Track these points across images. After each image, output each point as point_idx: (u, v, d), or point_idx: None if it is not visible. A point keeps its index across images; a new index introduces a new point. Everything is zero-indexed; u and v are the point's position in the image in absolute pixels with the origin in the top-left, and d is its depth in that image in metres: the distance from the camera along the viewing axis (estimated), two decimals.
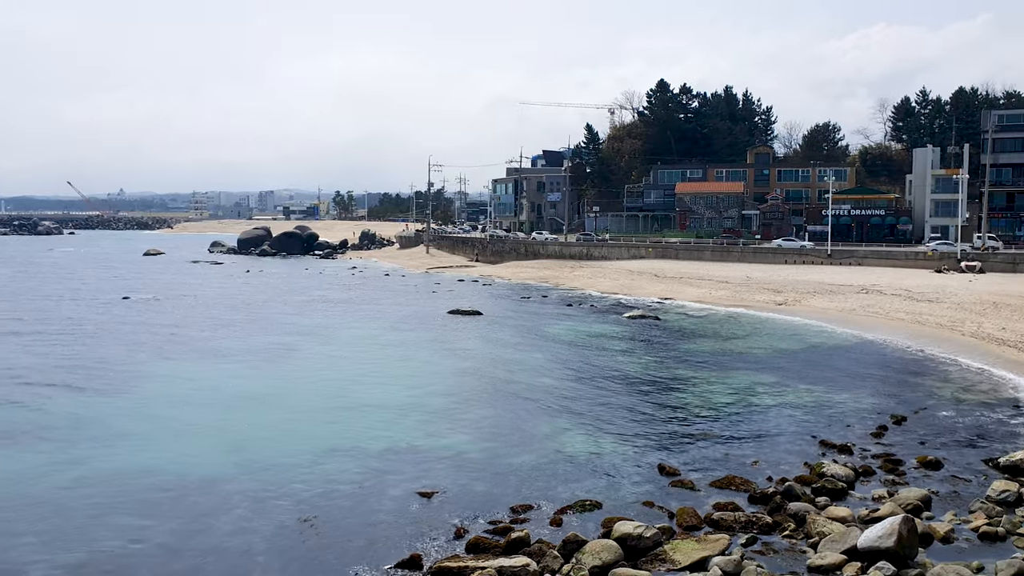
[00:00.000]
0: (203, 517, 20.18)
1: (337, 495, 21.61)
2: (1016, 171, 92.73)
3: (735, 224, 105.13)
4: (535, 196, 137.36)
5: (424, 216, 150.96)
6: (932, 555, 17.55)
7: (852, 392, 33.52)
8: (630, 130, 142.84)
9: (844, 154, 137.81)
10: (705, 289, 69.30)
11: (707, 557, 17.57)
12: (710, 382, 35.82)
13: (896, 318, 50.99)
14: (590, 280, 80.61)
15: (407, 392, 33.86)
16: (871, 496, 21.39)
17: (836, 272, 74.17)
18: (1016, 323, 45.26)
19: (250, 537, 18.95)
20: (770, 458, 24.79)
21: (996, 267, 73.05)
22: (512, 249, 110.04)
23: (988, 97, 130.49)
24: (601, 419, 29.47)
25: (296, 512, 20.36)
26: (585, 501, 21.05)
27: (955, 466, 23.89)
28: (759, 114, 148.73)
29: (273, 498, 21.39)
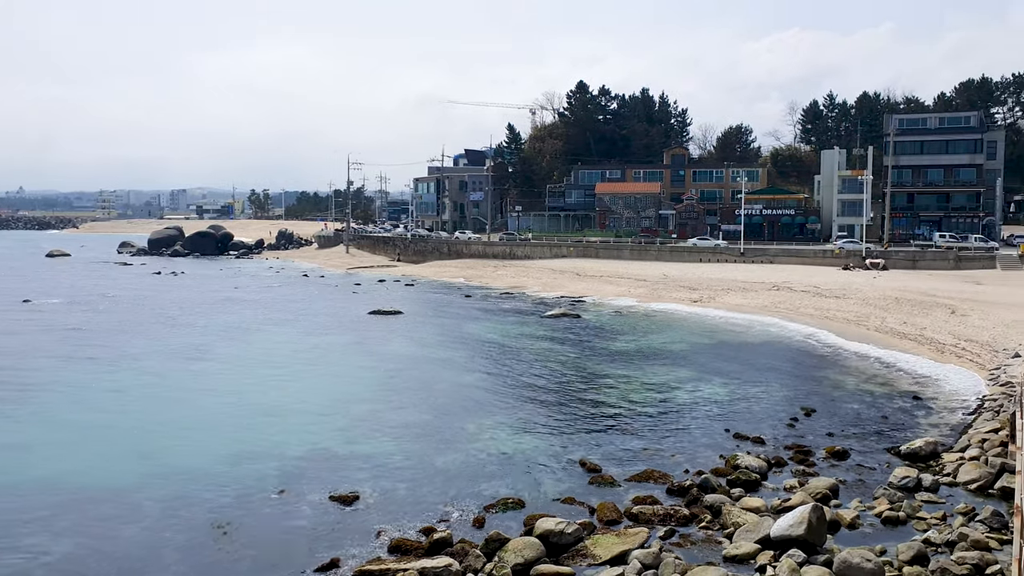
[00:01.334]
0: (110, 528, 19.39)
1: (252, 501, 21.07)
2: (915, 172, 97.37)
3: (652, 224, 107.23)
4: (458, 195, 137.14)
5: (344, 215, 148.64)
6: (840, 541, 18.25)
7: (764, 385, 34.61)
8: (551, 130, 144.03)
9: (756, 155, 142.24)
10: (624, 287, 70.46)
11: (627, 551, 17.85)
12: (629, 378, 36.42)
13: (806, 313, 52.89)
14: (513, 279, 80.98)
15: (325, 395, 33.30)
16: (783, 486, 22.12)
17: (749, 270, 76.46)
18: (916, 317, 47.52)
19: (160, 547, 18.30)
20: (687, 451, 25.36)
21: (898, 264, 76.58)
22: (435, 249, 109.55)
23: (890, 102, 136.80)
24: (524, 417, 29.60)
25: (209, 520, 19.76)
26: (508, 499, 21.12)
27: (860, 455, 24.93)
28: (675, 116, 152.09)
29: (184, 506, 20.71)
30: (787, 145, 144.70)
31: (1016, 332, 40.84)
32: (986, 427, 25.56)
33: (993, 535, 17.78)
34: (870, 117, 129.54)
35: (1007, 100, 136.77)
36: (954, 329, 43.25)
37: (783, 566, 16.56)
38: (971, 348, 39.00)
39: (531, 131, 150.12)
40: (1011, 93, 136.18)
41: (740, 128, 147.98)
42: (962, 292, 55.84)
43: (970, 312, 47.25)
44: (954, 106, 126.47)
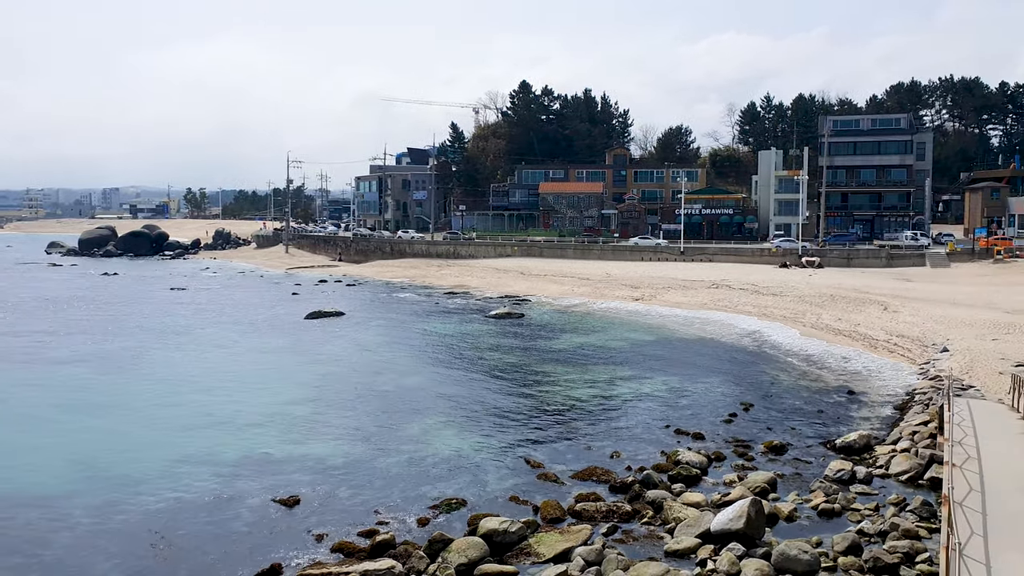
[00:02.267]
0: (40, 536, 18.68)
1: (189, 507, 20.53)
2: (849, 173, 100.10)
3: (595, 223, 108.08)
4: (400, 194, 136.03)
5: (283, 214, 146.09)
6: (778, 533, 18.62)
7: (704, 382, 35.16)
8: (495, 130, 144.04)
9: (696, 156, 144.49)
10: (568, 286, 70.86)
11: (570, 548, 17.93)
12: (573, 376, 36.61)
13: (744, 311, 53.92)
14: (457, 279, 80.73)
15: (265, 398, 32.67)
16: (723, 480, 22.50)
17: (689, 268, 77.65)
18: (850, 314, 48.85)
19: (92, 555, 17.71)
20: (630, 448, 25.59)
21: (833, 262, 78.68)
22: (377, 248, 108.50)
23: (824, 104, 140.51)
24: (468, 417, 29.50)
25: (144, 526, 19.20)
26: (451, 500, 21.02)
27: (797, 449, 25.50)
28: (617, 117, 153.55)
29: (118, 513, 20.07)
30: (725, 146, 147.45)
31: (945, 327, 42.28)
32: (916, 420, 26.38)
33: (923, 524, 18.36)
34: (806, 119, 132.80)
35: (934, 103, 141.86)
36: (886, 325, 44.57)
37: (723, 560, 16.83)
38: (902, 343, 40.24)
39: (475, 130, 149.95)
40: (938, 96, 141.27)
41: (680, 129, 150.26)
42: (894, 289, 57.61)
43: (901, 308, 48.76)
44: (885, 108, 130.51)
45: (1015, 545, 13.28)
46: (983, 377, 31.76)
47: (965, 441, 19.00)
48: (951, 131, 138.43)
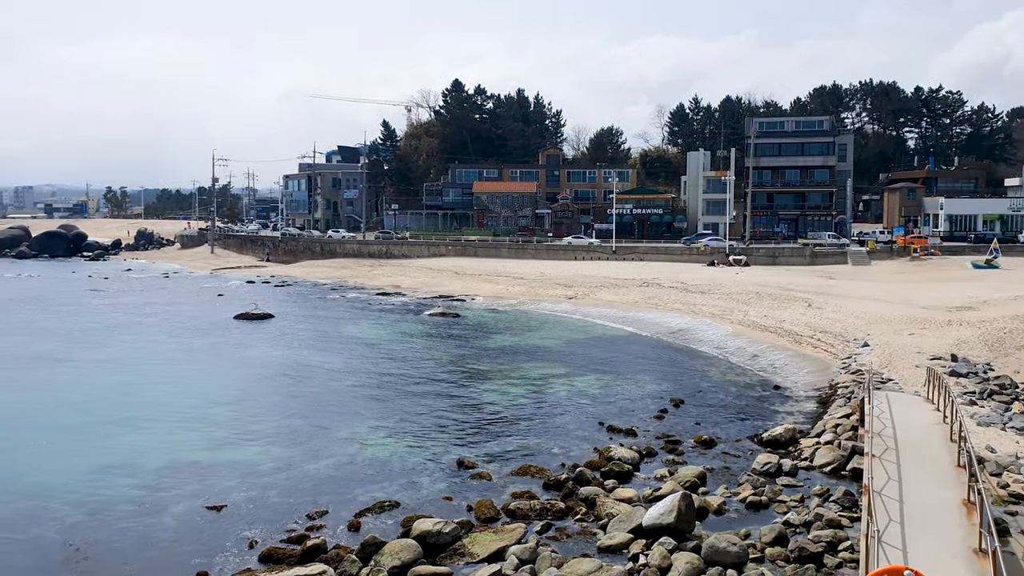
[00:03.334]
0: None
1: (110, 516, 19.79)
2: (774, 173, 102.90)
3: (529, 222, 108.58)
4: (331, 193, 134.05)
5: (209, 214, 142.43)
6: (707, 527, 18.95)
7: (636, 378, 35.61)
8: (427, 128, 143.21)
9: (627, 156, 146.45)
10: (503, 285, 70.96)
11: (504, 547, 17.92)
12: (507, 375, 36.64)
13: (674, 308, 54.84)
14: (390, 279, 80.00)
15: (189, 402, 31.73)
16: (654, 476, 22.80)
17: (621, 267, 78.65)
18: (775, 311, 50.14)
19: (3, 572, 16.87)
20: (563, 445, 25.73)
21: (759, 260, 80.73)
22: (307, 248, 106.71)
23: (751, 106, 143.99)
24: (401, 418, 29.22)
25: (62, 537, 18.41)
26: (384, 502, 20.78)
27: (726, 443, 26.02)
28: (550, 117, 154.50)
29: (33, 524, 19.20)
30: (656, 147, 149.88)
31: (865, 323, 43.77)
32: (839, 413, 27.21)
33: (845, 514, 18.93)
34: (733, 120, 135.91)
35: (855, 106, 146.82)
36: (810, 321, 45.88)
37: (655, 554, 17.03)
38: (825, 339, 41.49)
39: (407, 128, 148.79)
40: (859, 99, 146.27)
41: (611, 130, 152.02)
42: (817, 286, 59.38)
43: (824, 305, 50.27)
44: (809, 111, 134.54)
45: (929, 531, 13.79)
46: (901, 370, 32.99)
47: (884, 433, 19.66)
48: (871, 133, 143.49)
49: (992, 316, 44.34)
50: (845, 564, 16.40)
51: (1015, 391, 29.87)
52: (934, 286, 58.04)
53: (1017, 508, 18.83)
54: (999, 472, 20.83)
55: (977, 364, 34.21)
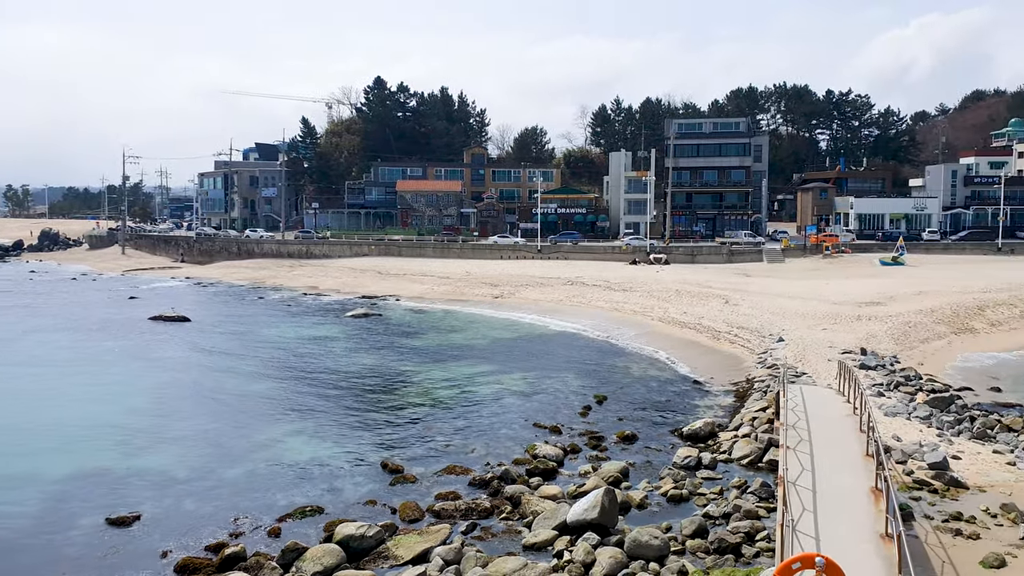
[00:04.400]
0: None
1: (10, 531, 18.81)
2: (693, 173, 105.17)
3: (455, 222, 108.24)
4: (248, 191, 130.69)
5: (119, 213, 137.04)
6: (630, 521, 19.21)
7: (561, 376, 35.88)
8: (349, 126, 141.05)
9: (551, 156, 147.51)
10: (428, 285, 70.52)
11: (429, 548, 17.80)
12: (432, 376, 36.41)
13: (597, 306, 55.51)
14: (311, 279, 78.54)
15: (98, 409, 30.48)
16: (579, 472, 23.00)
17: (546, 266, 79.18)
18: (694, 307, 51.28)
19: None
20: (489, 444, 25.72)
21: (679, 259, 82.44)
22: (223, 248, 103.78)
23: (670, 107, 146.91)
24: (322, 422, 28.70)
25: None
26: (305, 507, 20.37)
27: (648, 438, 26.46)
28: (474, 116, 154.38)
29: None
30: (579, 147, 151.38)
31: (780, 319, 45.18)
32: (756, 406, 27.98)
33: (762, 505, 19.47)
34: (653, 121, 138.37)
35: (770, 108, 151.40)
36: (728, 317, 47.09)
37: (579, 550, 17.17)
38: (742, 334, 42.64)
39: (328, 126, 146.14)
40: (773, 101, 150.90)
41: (536, 130, 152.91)
42: (734, 283, 61.00)
43: (741, 302, 51.67)
44: (726, 112, 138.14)
45: (840, 518, 14.30)
46: (814, 364, 34.18)
47: (798, 425, 20.30)
48: (785, 135, 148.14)
49: (898, 311, 46.39)
50: (762, 553, 16.85)
51: (919, 382, 31.31)
52: (845, 282, 60.36)
53: (921, 494, 19.73)
54: (904, 460, 21.78)
55: (885, 357, 35.72)
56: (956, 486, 20.08)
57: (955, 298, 49.86)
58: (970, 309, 47.02)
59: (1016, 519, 18.00)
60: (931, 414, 26.50)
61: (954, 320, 44.65)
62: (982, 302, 48.76)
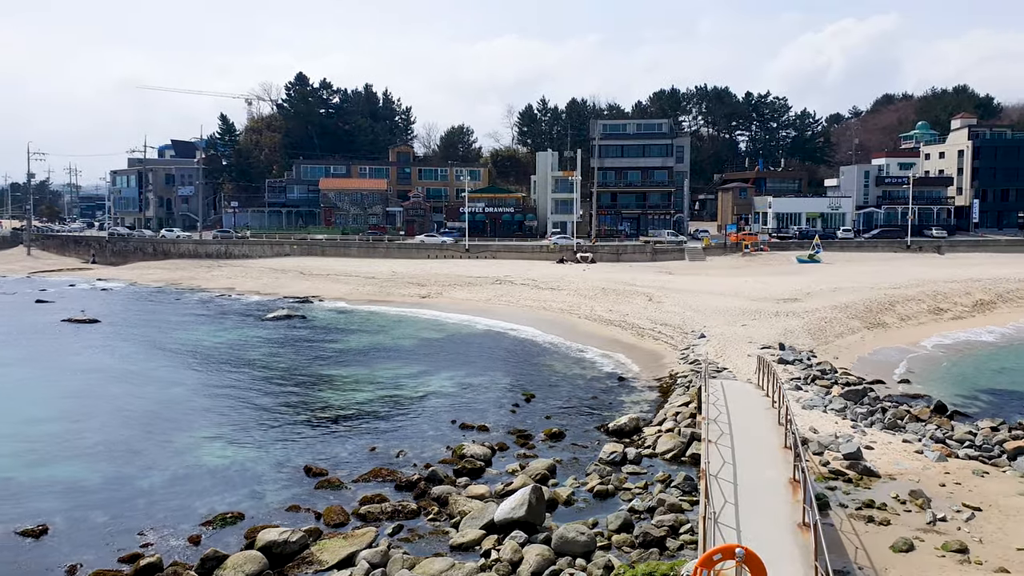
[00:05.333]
0: None
1: None
2: (618, 174, 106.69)
3: (380, 221, 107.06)
4: (164, 190, 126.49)
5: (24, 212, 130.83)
6: (558, 518, 19.29)
7: (488, 375, 35.84)
8: (269, 123, 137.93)
9: (478, 155, 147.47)
10: (352, 286, 69.54)
11: (355, 552, 17.52)
12: (357, 378, 35.88)
13: (525, 305, 55.72)
14: (230, 280, 76.51)
15: (3, 416, 28.98)
16: (506, 470, 22.99)
17: (474, 265, 79.08)
18: (619, 305, 51.97)
19: None
20: (416, 446, 25.47)
21: (605, 257, 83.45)
22: (138, 248, 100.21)
23: (595, 108, 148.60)
24: (243, 427, 27.94)
25: None
26: (226, 514, 19.80)
27: (575, 435, 26.64)
28: (399, 113, 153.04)
29: None
30: (506, 146, 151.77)
31: (702, 315, 46.16)
32: (679, 401, 28.50)
33: (685, 498, 19.82)
34: (579, 122, 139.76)
35: (691, 109, 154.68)
36: (652, 315, 47.88)
37: (506, 548, 17.15)
38: (666, 331, 43.41)
39: (247, 122, 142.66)
40: (695, 103, 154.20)
41: (462, 128, 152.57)
42: (658, 281, 62.06)
43: (664, 299, 52.62)
44: (649, 114, 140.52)
45: (760, 509, 14.63)
46: (735, 359, 35.03)
47: (719, 419, 20.72)
48: (706, 136, 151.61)
49: (815, 307, 47.98)
50: (686, 546, 17.13)
51: (834, 376, 32.43)
52: (764, 280, 62.10)
53: (836, 483, 20.40)
54: (821, 451, 22.50)
55: (802, 352, 36.88)
56: (869, 475, 20.84)
57: (868, 294, 51.88)
58: (882, 304, 48.99)
59: (923, 505, 18.78)
60: (846, 406, 27.47)
61: (867, 315, 46.43)
62: (893, 298, 50.87)
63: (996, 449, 22.97)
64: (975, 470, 21.42)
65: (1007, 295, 54.08)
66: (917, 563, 15.88)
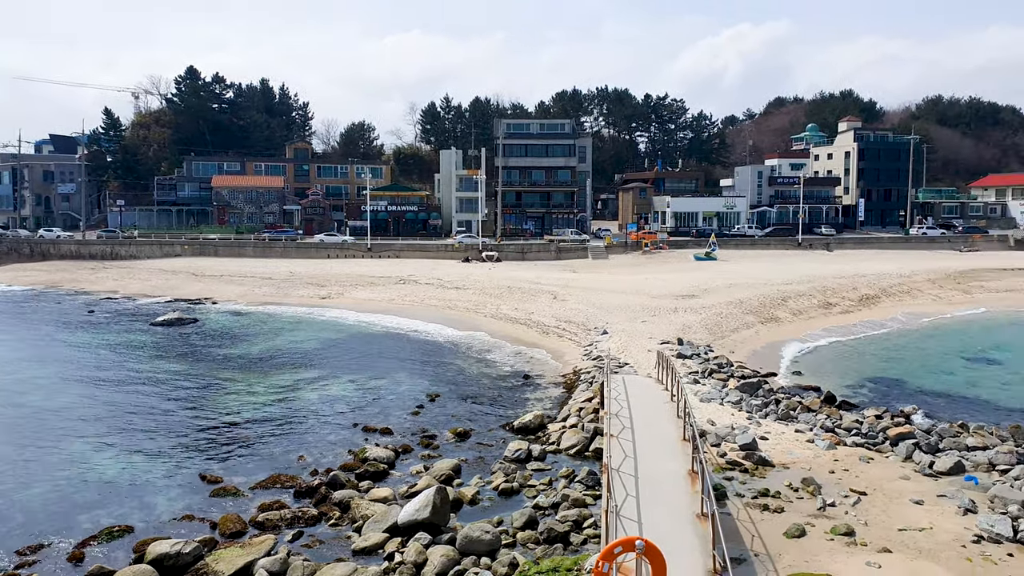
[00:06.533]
0: None
1: None
2: (522, 173, 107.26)
3: (277, 219, 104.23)
4: (42, 187, 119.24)
5: None
6: (463, 518, 19.13)
7: (392, 376, 35.30)
8: (158, 118, 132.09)
9: (380, 153, 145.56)
10: (248, 287, 67.35)
11: (252, 561, 16.91)
12: (254, 382, 34.72)
13: (431, 305, 55.28)
14: (117, 282, 72.83)
15: None
16: (410, 472, 22.68)
17: (376, 264, 77.97)
18: (525, 303, 52.23)
19: None
20: (316, 451, 24.82)
21: (510, 256, 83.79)
22: (12, 249, 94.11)
23: (499, 107, 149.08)
24: (132, 436, 26.59)
25: None
26: (113, 528, 18.78)
27: (480, 433, 26.53)
28: (296, 109, 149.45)
29: None
30: (409, 144, 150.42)
31: (605, 312, 46.88)
32: (582, 397, 28.79)
33: (589, 493, 19.99)
34: (483, 120, 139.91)
35: (593, 110, 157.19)
36: (556, 312, 48.31)
37: (410, 550, 16.88)
38: (570, 328, 43.88)
39: (134, 117, 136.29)
40: (596, 104, 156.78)
41: (363, 125, 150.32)
42: (562, 279, 62.74)
43: (568, 297, 53.21)
44: (552, 114, 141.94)
45: (660, 501, 14.86)
46: (636, 355, 35.69)
47: (621, 413, 21.00)
48: (607, 137, 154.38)
49: (712, 303, 49.46)
50: (590, 540, 17.26)
51: (731, 369, 33.45)
52: (663, 277, 63.64)
53: (733, 474, 21.00)
54: (718, 443, 23.13)
55: (699, 346, 37.91)
56: (764, 465, 21.54)
57: (761, 290, 53.87)
58: (775, 300, 50.95)
59: (814, 492, 19.54)
60: (741, 399, 28.35)
61: (761, 310, 48.18)
62: (785, 293, 52.98)
63: (880, 436, 24.15)
64: (861, 456, 22.46)
65: (890, 289, 57.18)
66: (808, 547, 16.48)
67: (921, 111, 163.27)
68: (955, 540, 16.89)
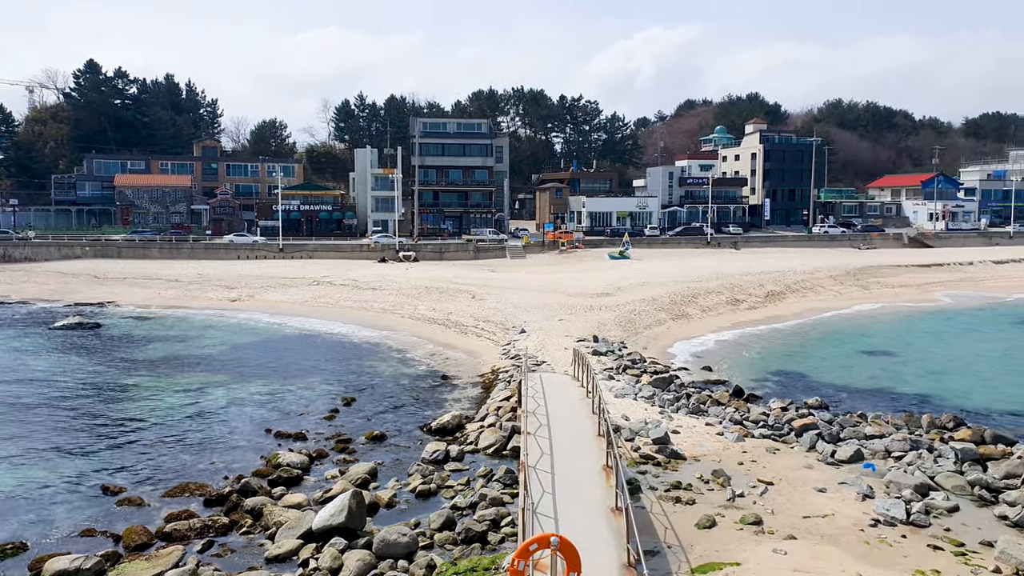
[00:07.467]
0: None
1: None
2: (439, 172, 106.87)
3: (184, 219, 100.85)
4: None
5: None
6: (379, 521, 18.92)
7: (305, 381, 34.60)
8: (55, 113, 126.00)
9: (292, 151, 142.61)
10: (153, 290, 64.87)
11: (159, 574, 16.36)
12: (160, 389, 33.46)
13: (346, 306, 54.44)
14: (9, 286, 68.98)
15: None
16: (325, 477, 22.28)
17: (289, 265, 76.32)
18: (444, 303, 52.03)
19: None
20: (227, 458, 24.12)
21: (428, 256, 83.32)
22: None
23: (415, 106, 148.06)
24: (27, 447, 25.27)
25: None
26: (5, 546, 17.83)
27: (397, 436, 26.29)
28: (204, 106, 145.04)
29: None
30: (322, 142, 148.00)
31: (523, 311, 47.14)
32: (500, 396, 28.87)
33: (507, 491, 20.06)
34: (398, 119, 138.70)
35: (509, 110, 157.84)
36: (475, 312, 48.30)
37: (325, 556, 16.59)
38: (488, 327, 43.94)
39: (29, 112, 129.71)
40: (513, 104, 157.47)
41: (275, 123, 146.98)
42: (480, 279, 62.78)
43: (487, 296, 53.27)
44: (468, 113, 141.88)
45: (576, 497, 15.02)
46: (553, 353, 36.01)
47: (538, 411, 21.13)
48: (524, 137, 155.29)
49: (625, 300, 50.37)
50: (507, 539, 17.32)
51: (644, 365, 34.13)
52: (579, 276, 64.46)
53: (647, 467, 21.42)
54: (632, 437, 23.55)
55: (614, 343, 38.55)
56: (676, 458, 22.05)
57: (673, 288, 55.17)
58: (685, 297, 52.25)
59: (724, 483, 20.11)
60: (654, 394, 28.96)
61: (672, 307, 49.33)
62: (695, 291, 54.40)
63: (786, 427, 25.05)
64: (768, 447, 23.25)
65: (794, 286, 59.41)
66: (719, 537, 16.96)
67: (822, 114, 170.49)
68: (854, 525, 17.66)
